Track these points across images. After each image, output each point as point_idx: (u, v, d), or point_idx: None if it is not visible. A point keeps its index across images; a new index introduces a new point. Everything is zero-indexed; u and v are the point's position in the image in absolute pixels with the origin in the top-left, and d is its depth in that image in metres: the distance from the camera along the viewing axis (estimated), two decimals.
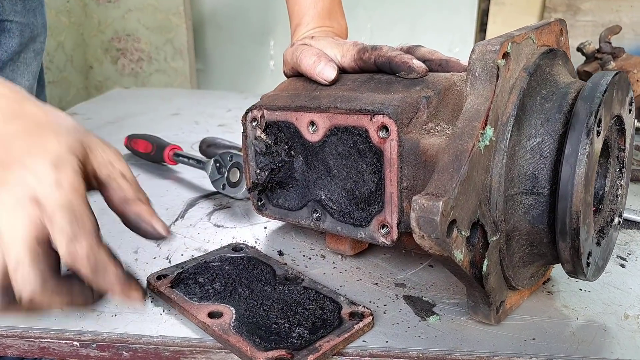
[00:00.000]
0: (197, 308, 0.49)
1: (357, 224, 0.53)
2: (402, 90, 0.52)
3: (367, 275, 0.58)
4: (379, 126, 0.49)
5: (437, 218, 0.37)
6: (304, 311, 0.49)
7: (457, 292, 0.55)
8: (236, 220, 0.72)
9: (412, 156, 0.47)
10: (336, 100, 0.53)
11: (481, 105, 0.41)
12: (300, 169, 0.59)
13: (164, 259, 0.61)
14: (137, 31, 2.92)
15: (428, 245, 0.39)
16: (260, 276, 0.55)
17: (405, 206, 0.49)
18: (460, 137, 0.41)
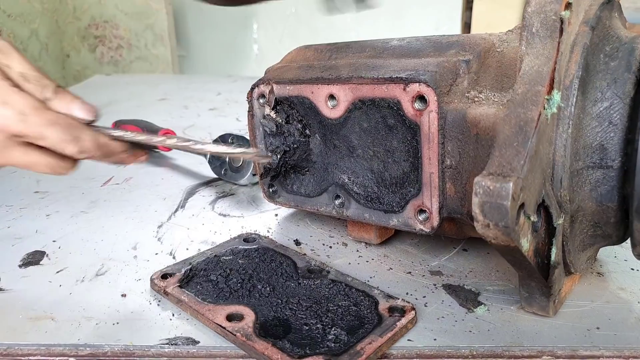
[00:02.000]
0: (213, 310, 0.43)
1: (389, 210, 0.47)
2: (435, 54, 0.46)
3: (397, 263, 0.52)
4: (414, 96, 0.43)
5: (506, 203, 0.31)
6: (336, 308, 0.43)
7: (500, 278, 0.50)
8: (243, 208, 0.66)
9: (458, 129, 0.41)
10: (359, 69, 0.47)
11: (543, 66, 0.36)
12: (317, 150, 0.52)
13: (168, 254, 0.54)
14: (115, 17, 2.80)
15: (493, 235, 0.33)
16: (279, 270, 0.49)
17: (448, 188, 0.43)
18: (522, 105, 0.35)
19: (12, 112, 0.40)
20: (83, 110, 0.44)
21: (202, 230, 0.60)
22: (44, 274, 0.51)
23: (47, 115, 0.42)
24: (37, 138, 0.42)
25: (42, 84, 0.43)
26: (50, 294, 0.47)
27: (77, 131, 0.43)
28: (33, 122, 0.41)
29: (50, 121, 0.42)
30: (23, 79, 0.42)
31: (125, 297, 0.47)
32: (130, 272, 0.51)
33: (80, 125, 0.44)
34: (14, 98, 0.41)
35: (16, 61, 0.42)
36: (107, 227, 0.60)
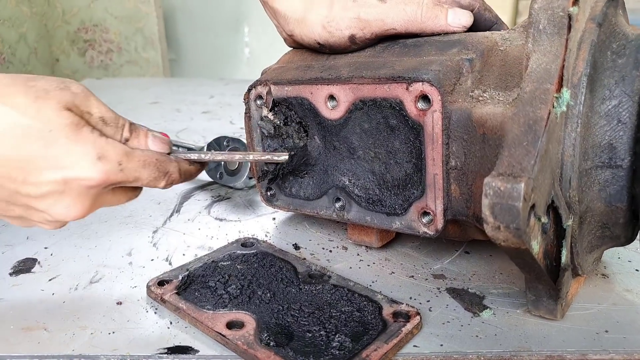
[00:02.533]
0: (212, 318, 0.41)
1: (391, 213, 0.46)
2: (437, 53, 0.45)
3: (399, 267, 0.51)
4: (418, 96, 0.42)
5: (518, 204, 0.30)
6: (339, 314, 0.42)
7: (504, 281, 0.49)
8: (239, 212, 0.64)
9: (463, 129, 0.40)
10: (360, 69, 0.46)
11: (551, 64, 0.35)
12: (317, 152, 0.51)
13: (164, 260, 0.53)
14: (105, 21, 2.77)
15: (503, 238, 0.32)
16: (279, 275, 0.48)
17: (453, 189, 0.42)
18: (531, 103, 0.34)
19: (111, 165, 0.40)
20: (160, 143, 0.45)
21: (199, 235, 0.58)
22: (36, 282, 0.49)
23: (138, 158, 0.42)
24: (133, 182, 0.42)
25: (119, 125, 0.43)
26: (42, 303, 0.45)
27: (166, 166, 0.44)
28: (129, 168, 0.41)
29: (143, 163, 0.42)
30: (103, 123, 0.42)
31: (121, 305, 0.45)
32: (125, 279, 0.49)
33: (166, 159, 0.44)
34: (108, 149, 0.40)
35: (94, 105, 0.42)
36: (100, 233, 0.59)
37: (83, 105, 0.41)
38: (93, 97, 0.42)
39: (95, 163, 0.40)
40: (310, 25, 0.50)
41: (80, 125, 0.40)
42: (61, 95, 0.40)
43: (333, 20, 0.49)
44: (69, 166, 0.39)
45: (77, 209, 0.41)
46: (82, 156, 0.39)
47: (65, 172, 0.39)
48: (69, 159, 0.39)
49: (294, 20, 0.52)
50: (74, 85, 0.41)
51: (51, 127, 0.38)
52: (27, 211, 0.41)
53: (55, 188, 0.40)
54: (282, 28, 0.54)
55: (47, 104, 0.38)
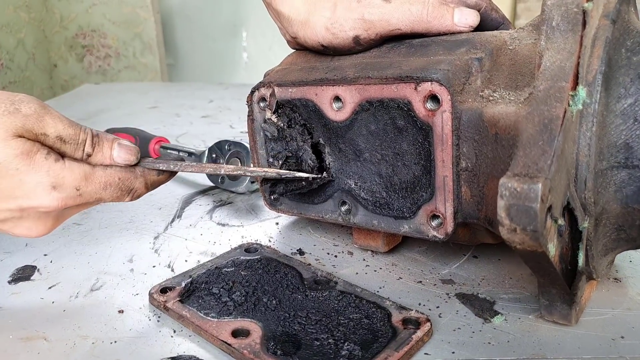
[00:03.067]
0: (217, 326, 0.40)
1: (399, 216, 0.45)
2: (444, 53, 0.44)
3: (406, 272, 0.50)
4: (426, 96, 0.41)
5: (535, 205, 0.29)
6: (347, 321, 0.40)
7: (514, 286, 0.47)
8: (242, 217, 0.63)
9: (474, 130, 0.39)
10: (366, 69, 0.45)
11: (565, 61, 0.34)
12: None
13: (166, 267, 0.52)
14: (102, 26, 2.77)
15: (519, 240, 0.31)
16: (285, 281, 0.46)
17: (463, 191, 0.41)
18: (545, 102, 0.33)
19: (68, 192, 0.40)
20: (126, 154, 0.43)
21: (201, 241, 0.57)
22: (35, 290, 0.48)
23: (97, 179, 0.41)
24: (95, 202, 0.43)
25: (79, 141, 0.41)
26: (42, 312, 0.44)
27: (129, 183, 0.43)
28: (88, 192, 0.41)
29: (103, 185, 0.42)
30: (60, 142, 0.40)
31: (123, 313, 0.44)
32: (127, 286, 0.48)
33: (130, 176, 0.44)
34: (64, 175, 0.39)
35: (50, 125, 0.40)
36: (101, 239, 0.57)
37: (36, 127, 0.39)
38: (48, 116, 0.39)
39: (50, 192, 0.39)
40: (314, 27, 0.49)
41: (32, 152, 0.38)
42: (10, 122, 0.37)
43: (337, 21, 0.48)
44: (22, 197, 0.38)
45: (38, 230, 0.42)
46: (35, 186, 0.38)
47: (20, 201, 0.39)
48: (22, 190, 0.38)
49: (297, 22, 0.51)
50: (25, 106, 0.39)
51: (0, 160, 0.37)
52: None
53: (12, 215, 0.40)
54: (286, 30, 0.53)
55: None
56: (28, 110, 0.39)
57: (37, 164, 0.38)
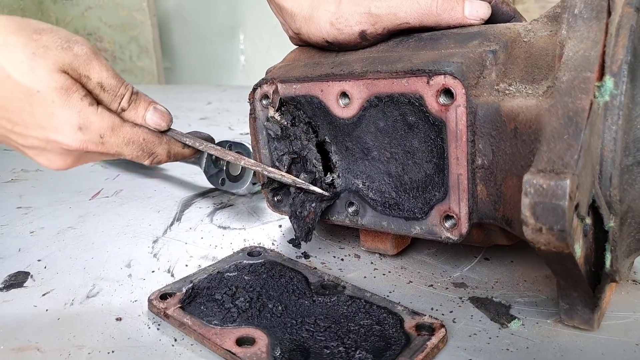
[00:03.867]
0: (220, 334, 0.38)
1: (410, 217, 0.43)
2: (456, 46, 0.42)
3: (416, 275, 0.48)
4: (439, 90, 0.39)
5: (563, 203, 0.27)
6: (358, 328, 0.38)
7: (528, 289, 0.45)
8: (244, 220, 0.61)
9: (490, 125, 0.37)
10: (374, 63, 0.43)
11: (590, 50, 0.32)
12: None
13: (165, 272, 0.50)
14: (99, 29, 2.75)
15: (544, 241, 0.29)
16: (290, 286, 0.44)
17: (479, 190, 0.39)
18: (569, 93, 0.31)
19: (91, 136, 0.41)
20: (156, 119, 0.45)
21: (202, 245, 0.55)
22: (28, 297, 0.46)
23: (123, 134, 0.43)
24: (115, 155, 0.44)
25: (118, 93, 0.43)
26: (35, 320, 0.42)
27: (153, 147, 0.45)
28: (111, 143, 0.42)
29: (127, 140, 0.43)
30: (100, 89, 0.42)
31: (121, 321, 0.42)
32: (125, 292, 0.46)
33: (155, 139, 0.45)
34: (92, 120, 0.41)
35: (95, 70, 0.41)
36: (97, 244, 0.55)
37: (82, 68, 0.40)
38: (96, 61, 0.41)
39: (76, 132, 0.40)
40: (318, 22, 0.47)
41: (70, 90, 0.39)
42: (59, 56, 0.39)
43: (342, 16, 0.46)
44: (50, 129, 0.40)
45: (58, 164, 0.43)
46: (63, 122, 0.40)
47: (46, 133, 0.40)
48: (51, 123, 0.39)
49: (300, 17, 0.49)
50: (78, 46, 0.40)
51: (39, 88, 0.38)
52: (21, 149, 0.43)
53: (37, 144, 0.41)
54: (289, 26, 0.51)
55: (41, 64, 0.38)
56: (79, 51, 0.40)
57: (72, 102, 0.39)
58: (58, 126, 0.39)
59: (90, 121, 0.40)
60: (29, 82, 0.38)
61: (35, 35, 0.39)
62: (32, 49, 0.38)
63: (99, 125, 0.41)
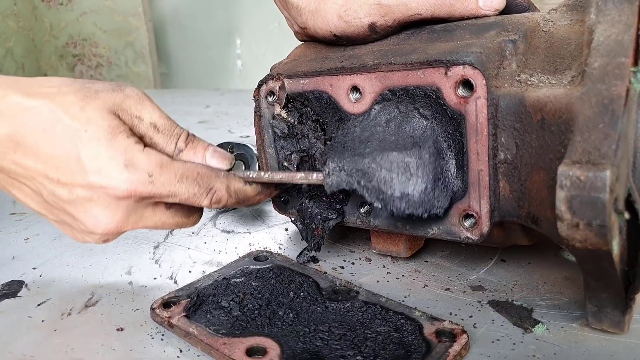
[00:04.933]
0: (229, 344, 0.36)
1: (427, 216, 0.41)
2: (472, 37, 0.40)
3: (432, 279, 0.46)
4: (458, 81, 0.37)
5: (604, 196, 0.25)
6: (375, 336, 0.36)
7: (549, 291, 0.43)
8: (248, 224, 0.59)
9: (514, 117, 0.35)
10: (387, 55, 0.41)
11: (623, 35, 0.30)
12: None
13: (168, 278, 0.47)
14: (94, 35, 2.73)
15: (581, 237, 0.27)
16: (300, 292, 0.42)
17: (502, 186, 0.37)
18: (602, 80, 0.29)
19: (139, 175, 0.37)
20: (219, 159, 0.42)
21: (205, 250, 0.53)
22: (23, 307, 0.43)
23: (174, 170, 0.39)
24: (168, 196, 0.39)
25: (174, 133, 0.41)
26: (30, 332, 0.40)
27: (209, 181, 0.40)
28: (161, 181, 0.38)
29: (180, 176, 0.39)
30: (154, 130, 0.40)
31: (122, 331, 0.39)
32: (125, 301, 0.44)
33: (212, 173, 0.40)
34: (139, 157, 0.37)
35: (148, 110, 0.40)
36: (95, 250, 0.53)
37: (133, 108, 0.39)
38: (148, 102, 0.40)
39: (121, 171, 0.37)
40: (325, 15, 0.45)
41: (117, 130, 0.37)
42: (109, 97, 0.38)
43: (350, 8, 0.44)
44: (94, 171, 0.37)
45: (106, 220, 0.38)
46: (108, 161, 0.37)
47: (90, 176, 0.37)
48: (95, 163, 0.37)
49: (307, 11, 0.47)
50: (129, 89, 0.40)
51: (87, 127, 0.36)
52: (66, 216, 0.39)
53: (84, 194, 0.37)
54: (294, 20, 0.49)
55: (91, 104, 0.37)
56: (130, 92, 0.39)
57: (118, 140, 0.37)
58: (103, 166, 0.37)
59: (136, 158, 0.37)
60: (78, 122, 0.37)
61: (88, 84, 0.39)
62: (84, 93, 0.38)
63: (147, 162, 0.37)
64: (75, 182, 0.37)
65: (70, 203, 0.38)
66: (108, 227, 0.38)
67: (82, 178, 0.37)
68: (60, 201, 0.38)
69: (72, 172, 0.37)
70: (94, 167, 0.37)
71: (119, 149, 0.37)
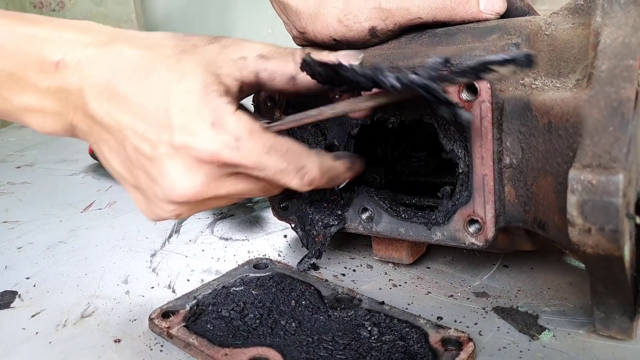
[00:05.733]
0: (231, 355, 0.35)
1: (430, 222, 0.40)
2: (474, 41, 0.39)
3: (434, 286, 0.45)
4: (462, 85, 0.36)
5: (617, 200, 0.24)
6: (380, 345, 0.35)
7: (554, 297, 0.43)
8: (246, 230, 0.58)
9: (519, 120, 0.34)
10: (388, 59, 0.41)
11: (630, 37, 0.30)
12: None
13: (166, 287, 0.46)
14: None
15: (593, 243, 0.26)
16: (302, 300, 0.41)
17: (507, 191, 0.36)
18: (611, 83, 0.28)
19: (225, 137, 0.34)
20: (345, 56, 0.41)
21: (203, 258, 0.52)
22: (16, 319, 0.42)
23: (264, 140, 0.35)
24: (254, 168, 0.35)
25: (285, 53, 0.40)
26: (24, 344, 0.39)
27: (300, 158, 0.37)
28: (248, 149, 0.35)
29: (269, 147, 0.35)
30: (264, 61, 0.38)
31: (119, 342, 0.39)
32: (123, 311, 0.43)
33: (302, 150, 0.37)
34: (228, 119, 0.35)
35: (248, 47, 0.39)
36: (91, 259, 0.52)
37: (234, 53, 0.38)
38: (246, 42, 0.39)
39: (206, 130, 0.34)
40: (325, 19, 0.45)
41: (210, 87, 0.35)
42: (206, 51, 0.37)
43: (350, 12, 0.44)
44: (179, 127, 0.34)
45: (185, 183, 0.35)
46: (194, 118, 0.34)
47: (174, 133, 0.34)
48: (180, 119, 0.34)
49: (306, 15, 0.46)
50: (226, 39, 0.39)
51: (180, 80, 0.35)
52: (144, 177, 0.37)
53: (166, 151, 0.35)
54: (293, 25, 0.48)
55: (188, 58, 0.36)
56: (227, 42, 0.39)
57: (209, 97, 0.35)
58: (188, 122, 0.34)
59: (225, 120, 0.35)
60: (172, 74, 0.35)
61: (186, 38, 0.38)
62: (182, 47, 0.37)
63: (235, 125, 0.35)
64: (159, 138, 0.35)
65: (152, 160, 0.35)
66: (186, 191, 0.35)
67: (167, 133, 0.35)
68: (142, 157, 0.36)
69: (159, 125, 0.35)
70: (180, 122, 0.35)
71: (209, 107, 0.35)
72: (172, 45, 0.37)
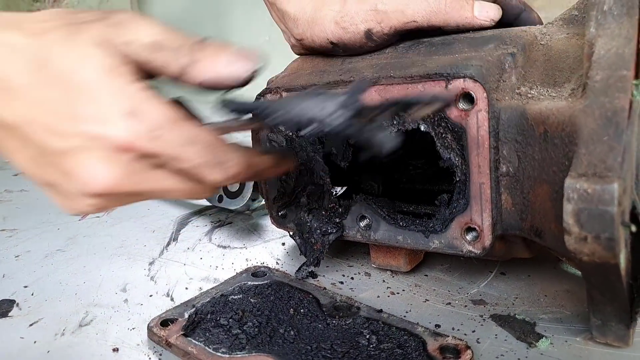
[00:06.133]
0: None
1: (428, 230, 0.41)
2: (471, 50, 0.40)
3: (432, 293, 0.45)
4: (459, 94, 0.37)
5: (612, 209, 0.25)
6: (379, 353, 0.35)
7: (551, 304, 0.43)
8: (244, 238, 0.58)
9: (515, 129, 0.35)
10: (386, 69, 0.41)
11: (623, 48, 0.30)
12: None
13: (164, 295, 0.46)
14: None
15: (589, 251, 0.26)
16: (301, 308, 0.41)
17: (504, 199, 0.36)
18: (605, 93, 0.29)
19: (144, 126, 0.32)
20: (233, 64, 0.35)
21: (201, 266, 0.52)
22: (14, 328, 0.42)
23: (186, 130, 0.33)
24: (174, 159, 0.33)
25: (177, 46, 0.34)
26: (22, 354, 0.39)
27: (223, 153, 0.34)
28: (167, 140, 0.32)
29: (190, 138, 0.33)
30: (156, 50, 0.33)
31: (118, 352, 0.38)
32: (121, 319, 0.43)
33: (227, 146, 0.35)
34: (146, 107, 0.32)
35: (142, 31, 0.33)
36: (89, 267, 0.52)
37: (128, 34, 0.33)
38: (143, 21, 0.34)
39: (123, 118, 0.31)
40: (322, 22, 0.46)
41: (117, 70, 0.32)
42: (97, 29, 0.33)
43: (347, 14, 0.44)
44: (94, 118, 0.32)
45: (103, 174, 0.32)
46: (109, 107, 0.32)
47: (89, 124, 0.32)
48: (95, 109, 0.32)
49: (304, 21, 0.47)
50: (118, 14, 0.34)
51: (80, 68, 0.32)
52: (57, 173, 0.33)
53: (79, 143, 0.32)
54: (291, 32, 0.49)
55: (79, 40, 0.32)
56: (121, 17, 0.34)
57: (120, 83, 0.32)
58: (103, 112, 0.32)
59: (143, 107, 0.32)
60: (68, 62, 0.32)
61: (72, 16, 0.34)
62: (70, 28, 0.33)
63: (155, 114, 0.32)
64: (69, 130, 0.32)
65: (63, 154, 0.33)
66: (105, 182, 0.33)
67: (78, 124, 0.32)
68: (52, 154, 0.33)
69: (67, 117, 0.32)
70: (92, 113, 0.32)
71: (123, 95, 0.32)
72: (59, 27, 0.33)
